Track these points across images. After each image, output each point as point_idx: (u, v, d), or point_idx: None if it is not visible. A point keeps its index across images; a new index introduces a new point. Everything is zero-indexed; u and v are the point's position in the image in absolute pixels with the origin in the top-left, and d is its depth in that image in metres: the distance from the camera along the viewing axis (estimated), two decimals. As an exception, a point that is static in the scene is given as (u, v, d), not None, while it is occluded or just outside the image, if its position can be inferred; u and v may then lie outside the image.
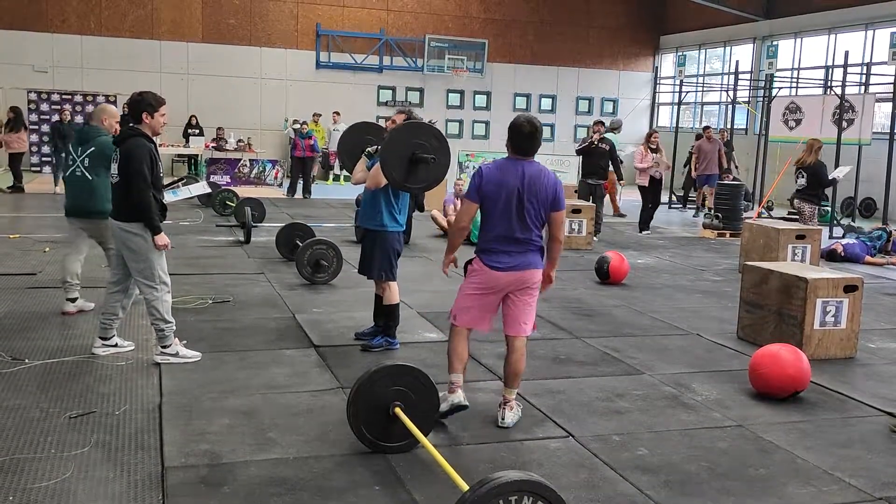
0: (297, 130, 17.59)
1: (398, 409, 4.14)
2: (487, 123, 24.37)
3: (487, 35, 23.94)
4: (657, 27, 25.45)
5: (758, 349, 5.73)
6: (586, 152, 13.07)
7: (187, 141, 20.12)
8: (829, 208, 14.81)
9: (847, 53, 15.43)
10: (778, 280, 6.57)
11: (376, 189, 5.89)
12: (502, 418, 4.65)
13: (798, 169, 11.06)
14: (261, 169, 19.36)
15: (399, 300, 6.15)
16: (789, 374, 5.26)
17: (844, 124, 14.74)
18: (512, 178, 4.54)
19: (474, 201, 4.64)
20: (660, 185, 14.20)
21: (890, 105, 15.13)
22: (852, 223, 14.49)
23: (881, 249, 11.84)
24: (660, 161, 13.76)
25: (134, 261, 5.47)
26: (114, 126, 6.54)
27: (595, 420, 4.85)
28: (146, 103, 5.42)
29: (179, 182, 13.31)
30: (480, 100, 24.38)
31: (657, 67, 25.58)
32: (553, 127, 24.26)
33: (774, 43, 21.23)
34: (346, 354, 5.98)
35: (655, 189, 13.94)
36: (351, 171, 6.42)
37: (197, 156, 20.12)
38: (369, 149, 6.13)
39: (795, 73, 20.24)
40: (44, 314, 6.80)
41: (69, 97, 20.24)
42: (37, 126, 19.82)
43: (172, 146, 19.83)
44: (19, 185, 15.78)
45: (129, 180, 5.34)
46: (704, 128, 17.12)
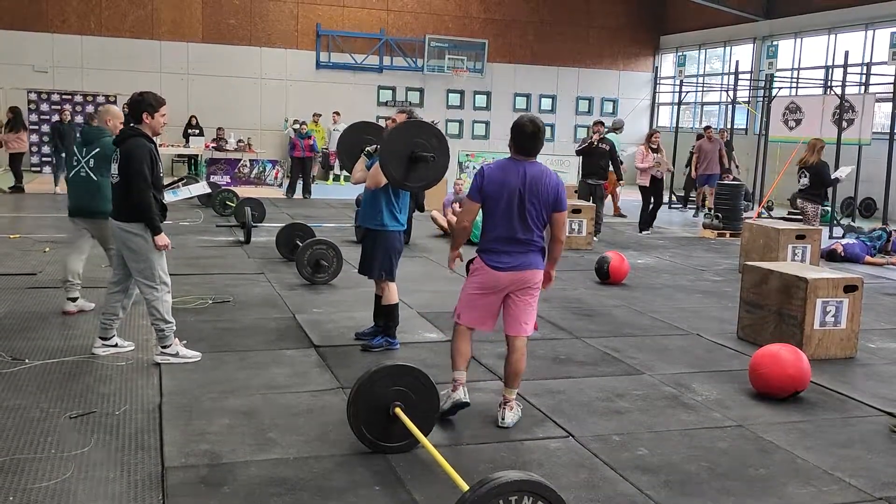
0: (297, 131, 17.60)
1: (398, 410, 4.14)
2: (487, 123, 24.37)
3: (487, 35, 23.94)
4: (657, 27, 25.45)
5: (758, 349, 5.73)
6: (586, 152, 13.08)
7: (187, 141, 20.13)
8: (829, 208, 14.80)
9: (847, 53, 15.42)
10: (778, 280, 6.57)
11: (376, 189, 5.89)
12: (502, 418, 4.66)
13: (800, 168, 11.06)
14: (261, 169, 19.37)
15: (398, 300, 6.15)
16: (789, 374, 5.26)
17: (844, 124, 14.74)
18: (513, 179, 4.54)
19: (476, 201, 4.64)
20: (661, 184, 14.20)
21: (890, 105, 15.12)
22: (852, 223, 14.49)
23: (881, 249, 11.84)
24: (661, 161, 13.76)
25: (134, 261, 5.48)
26: (118, 127, 6.55)
27: (595, 420, 4.85)
28: (146, 103, 5.43)
29: (179, 182, 13.30)
30: (480, 100, 24.39)
31: (657, 67, 25.58)
32: (553, 127, 24.24)
33: (774, 43, 21.22)
34: (347, 354, 5.98)
35: (657, 189, 13.94)
36: (350, 170, 6.42)
37: (197, 156, 20.12)
38: (368, 148, 6.13)
39: (795, 73, 20.23)
40: (44, 314, 6.80)
41: (69, 97, 20.23)
42: (37, 126, 19.81)
43: (172, 146, 19.83)
44: (19, 186, 15.78)
45: (129, 180, 5.35)
46: (705, 128, 17.12)
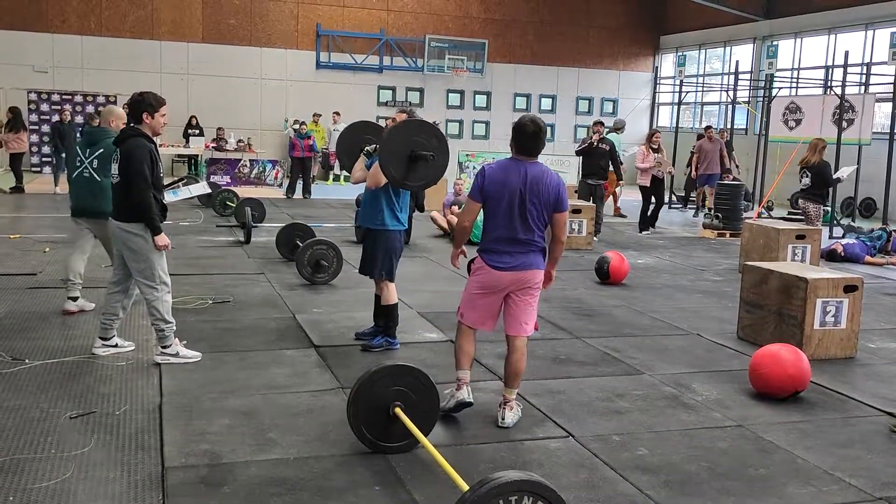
0: (297, 131, 17.60)
1: (398, 410, 4.14)
2: (487, 123, 24.37)
3: (487, 35, 23.94)
4: (657, 27, 25.45)
5: (758, 349, 5.73)
6: (586, 153, 13.08)
7: (187, 141, 20.13)
8: (829, 208, 14.79)
9: (847, 53, 15.43)
10: (778, 280, 6.57)
11: (376, 188, 5.90)
12: (502, 418, 4.66)
13: (802, 168, 11.05)
14: (261, 169, 19.37)
15: (397, 300, 6.15)
16: (789, 374, 5.26)
17: (844, 124, 14.74)
18: (514, 179, 4.54)
19: (477, 201, 4.65)
20: (663, 184, 14.19)
21: (890, 105, 15.13)
22: (852, 223, 14.49)
23: (881, 249, 11.84)
24: (662, 161, 13.75)
25: (134, 261, 5.48)
26: (121, 128, 6.56)
27: (595, 420, 4.85)
28: (146, 103, 5.44)
29: (180, 182, 13.31)
30: (480, 100, 24.38)
31: (657, 67, 25.58)
32: (553, 127, 24.24)
33: (774, 43, 21.22)
34: (347, 354, 5.98)
35: (658, 189, 13.93)
36: (350, 170, 6.43)
37: (197, 156, 20.12)
38: (368, 148, 6.13)
39: (795, 73, 20.23)
40: (44, 314, 6.80)
41: (69, 97, 20.22)
42: (37, 126, 19.81)
43: (172, 146, 19.83)
44: (19, 186, 15.79)
45: (129, 180, 5.35)
46: (706, 128, 17.11)
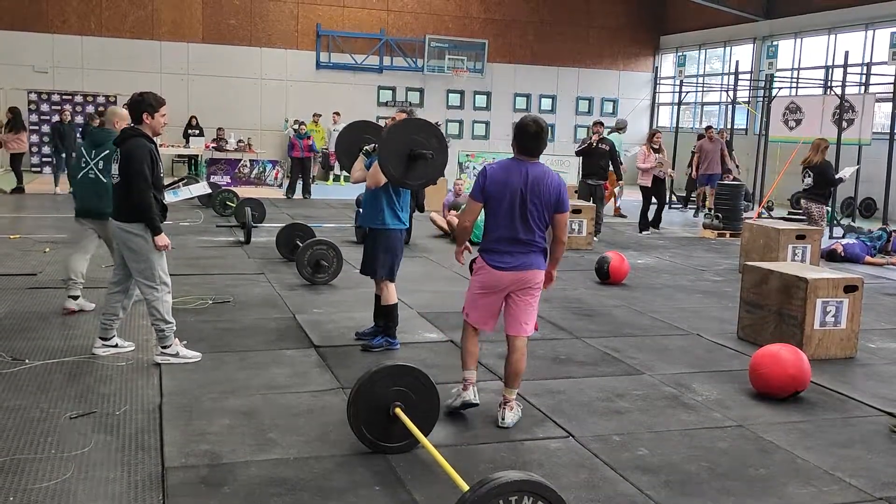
0: (296, 131, 17.60)
1: (398, 410, 4.14)
2: (488, 124, 24.38)
3: (487, 35, 23.94)
4: (657, 27, 25.45)
5: (758, 349, 5.73)
6: (586, 153, 13.08)
7: (187, 141, 20.13)
8: (829, 208, 14.78)
9: (847, 53, 15.43)
10: (778, 280, 6.57)
11: (377, 188, 5.90)
12: (502, 418, 4.66)
13: (804, 168, 11.05)
14: (261, 169, 19.37)
15: (397, 300, 6.15)
16: (790, 374, 5.26)
17: (844, 124, 14.74)
18: (516, 179, 4.55)
19: (478, 201, 4.66)
20: (664, 185, 14.18)
21: (890, 105, 15.13)
22: (852, 223, 14.49)
23: (881, 249, 11.84)
24: (663, 161, 13.75)
25: (134, 261, 5.48)
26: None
27: (595, 420, 4.85)
28: (146, 104, 5.44)
29: (180, 182, 13.32)
30: (480, 100, 24.38)
31: (657, 67, 25.58)
32: (553, 127, 24.23)
33: (774, 43, 21.22)
34: (347, 355, 5.98)
35: (660, 189, 13.93)
36: (349, 170, 6.43)
37: (197, 156, 20.13)
38: (367, 147, 6.13)
39: (795, 73, 20.23)
40: (44, 314, 6.80)
41: (69, 98, 20.24)
42: (37, 126, 19.81)
43: (173, 146, 19.83)
44: (20, 186, 15.79)
45: (129, 180, 5.35)
46: (706, 128, 17.10)
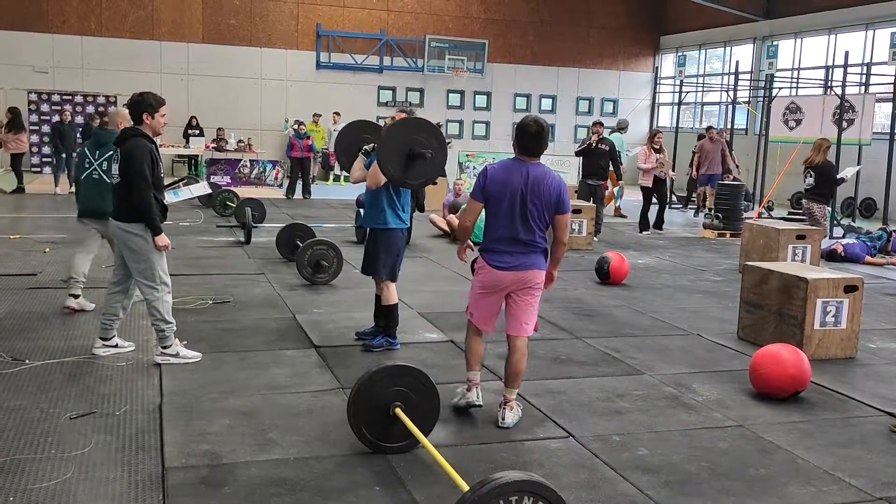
0: (295, 131, 17.60)
1: (398, 410, 4.14)
2: (488, 124, 24.38)
3: (488, 35, 23.94)
4: (657, 27, 25.45)
5: (758, 349, 5.73)
6: (586, 153, 13.08)
7: (187, 141, 20.13)
8: (829, 209, 14.78)
9: (847, 53, 15.43)
10: (778, 280, 6.57)
11: (377, 188, 5.90)
12: (502, 418, 4.66)
13: (806, 168, 11.06)
14: (261, 169, 19.37)
15: (397, 300, 6.15)
16: (790, 374, 5.26)
17: (844, 124, 14.74)
18: (517, 179, 4.56)
19: (479, 201, 4.68)
20: (665, 185, 14.17)
21: (890, 105, 15.13)
22: (852, 223, 14.49)
23: (881, 249, 11.84)
24: (664, 162, 13.74)
25: (134, 261, 5.48)
26: None
27: (595, 420, 4.85)
28: (146, 104, 5.44)
29: (180, 182, 13.33)
30: (481, 100, 24.39)
31: (657, 68, 25.58)
32: (553, 127, 24.24)
33: (774, 43, 21.22)
34: (347, 355, 5.98)
35: (661, 190, 13.92)
36: (348, 169, 6.43)
37: (197, 156, 20.13)
38: (366, 147, 6.13)
39: (795, 73, 20.22)
40: (44, 315, 6.80)
41: (69, 98, 20.25)
42: (37, 127, 19.82)
43: (173, 147, 19.84)
44: (20, 186, 15.80)
45: (129, 181, 5.36)
46: (707, 128, 17.09)
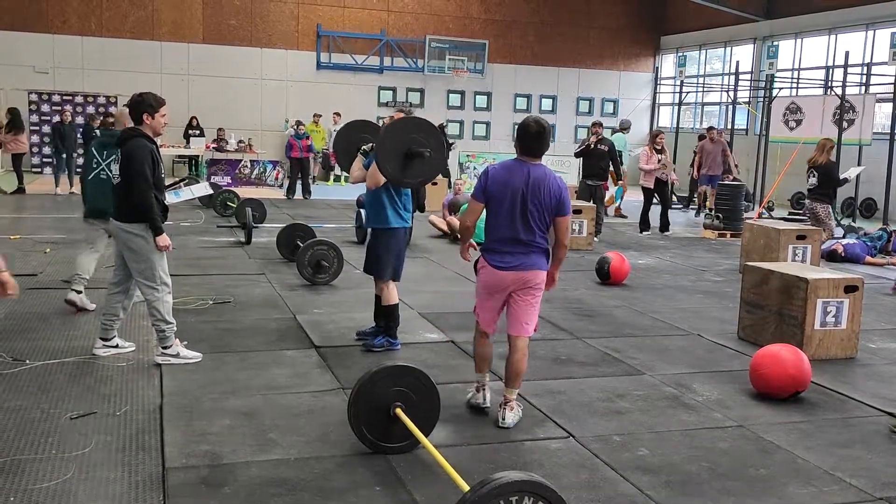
0: (295, 131, 17.60)
1: (399, 410, 4.14)
2: (488, 124, 24.38)
3: (488, 36, 23.94)
4: (657, 28, 25.45)
5: (758, 349, 5.73)
6: (585, 154, 13.08)
7: (188, 142, 20.13)
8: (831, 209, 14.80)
9: (847, 54, 15.44)
10: (778, 280, 6.57)
11: (377, 188, 5.90)
12: (503, 418, 4.66)
13: (810, 168, 11.06)
14: (261, 170, 19.38)
15: (398, 300, 6.15)
16: (790, 374, 5.26)
17: (845, 125, 14.76)
18: (518, 179, 4.57)
19: (480, 201, 4.69)
20: (667, 185, 14.16)
21: (890, 105, 15.15)
22: (853, 223, 14.49)
23: (881, 250, 11.84)
24: (666, 163, 13.73)
25: (135, 261, 5.49)
26: None
27: (596, 420, 4.85)
28: (146, 104, 5.44)
29: (181, 182, 13.34)
30: (481, 100, 24.39)
31: (658, 68, 25.59)
32: (554, 127, 24.21)
33: (775, 43, 21.22)
34: (347, 355, 5.98)
35: (663, 191, 13.91)
36: (348, 169, 6.43)
37: (197, 157, 20.13)
38: (365, 147, 6.13)
39: (796, 73, 20.23)
40: (45, 315, 6.80)
41: (70, 98, 20.25)
42: (37, 127, 19.82)
43: (173, 147, 19.83)
44: (20, 186, 15.80)
45: (130, 181, 5.36)
46: (708, 128, 17.07)
